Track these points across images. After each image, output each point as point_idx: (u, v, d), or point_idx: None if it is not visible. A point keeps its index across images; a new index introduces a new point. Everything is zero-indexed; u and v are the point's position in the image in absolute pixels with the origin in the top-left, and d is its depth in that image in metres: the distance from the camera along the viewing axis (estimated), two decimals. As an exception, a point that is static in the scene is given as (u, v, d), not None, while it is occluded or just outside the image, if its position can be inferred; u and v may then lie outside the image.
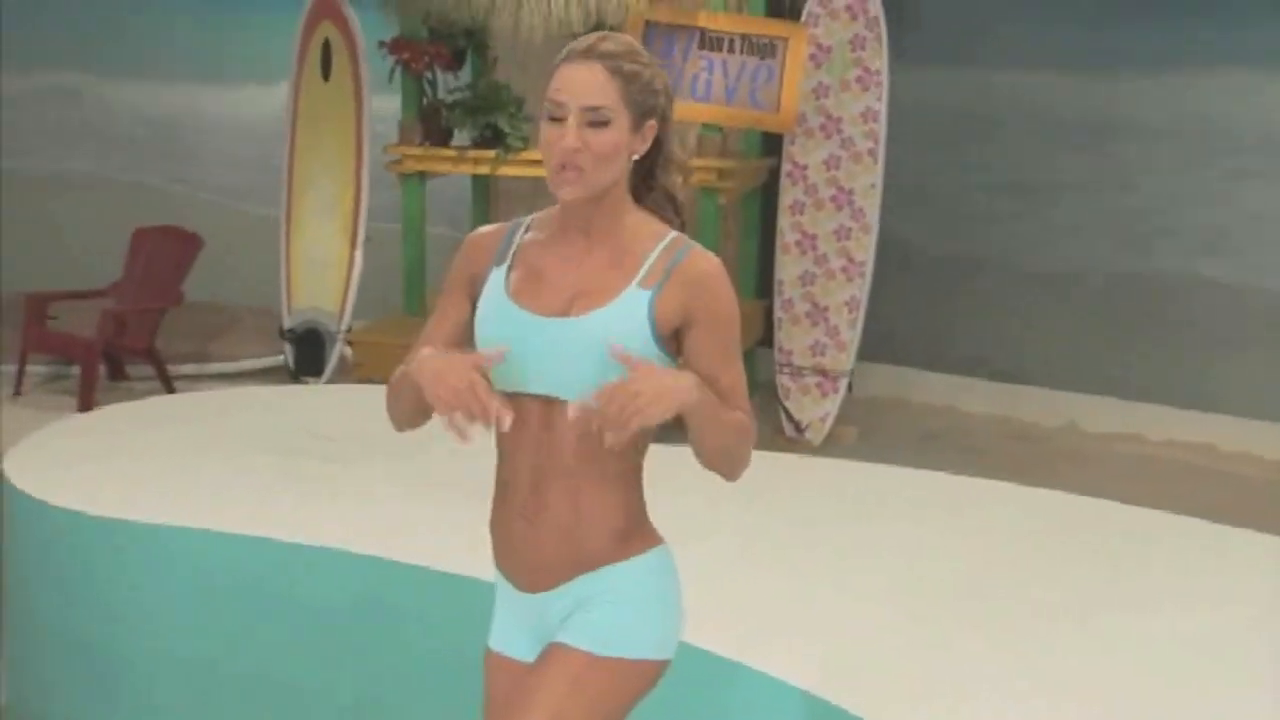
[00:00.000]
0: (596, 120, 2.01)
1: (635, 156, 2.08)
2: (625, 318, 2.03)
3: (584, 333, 2.03)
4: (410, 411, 2.12)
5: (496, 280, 2.12)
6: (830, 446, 6.55)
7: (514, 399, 2.05)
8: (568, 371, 2.03)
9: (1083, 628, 3.01)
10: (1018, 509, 3.88)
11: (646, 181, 2.14)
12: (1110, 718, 2.64)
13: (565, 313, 2.06)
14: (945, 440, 6.89)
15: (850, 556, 3.43)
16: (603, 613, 2.10)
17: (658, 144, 2.11)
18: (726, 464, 2.09)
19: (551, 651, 2.12)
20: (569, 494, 2.08)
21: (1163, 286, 6.97)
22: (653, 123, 2.08)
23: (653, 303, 2.04)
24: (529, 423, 2.07)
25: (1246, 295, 6.76)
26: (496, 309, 2.10)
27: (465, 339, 2.16)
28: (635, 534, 2.13)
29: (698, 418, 1.99)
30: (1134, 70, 6.96)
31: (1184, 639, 2.96)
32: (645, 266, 2.06)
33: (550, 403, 2.06)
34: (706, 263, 2.08)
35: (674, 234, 2.11)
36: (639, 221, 2.11)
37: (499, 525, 2.17)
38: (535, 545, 2.11)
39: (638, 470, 2.14)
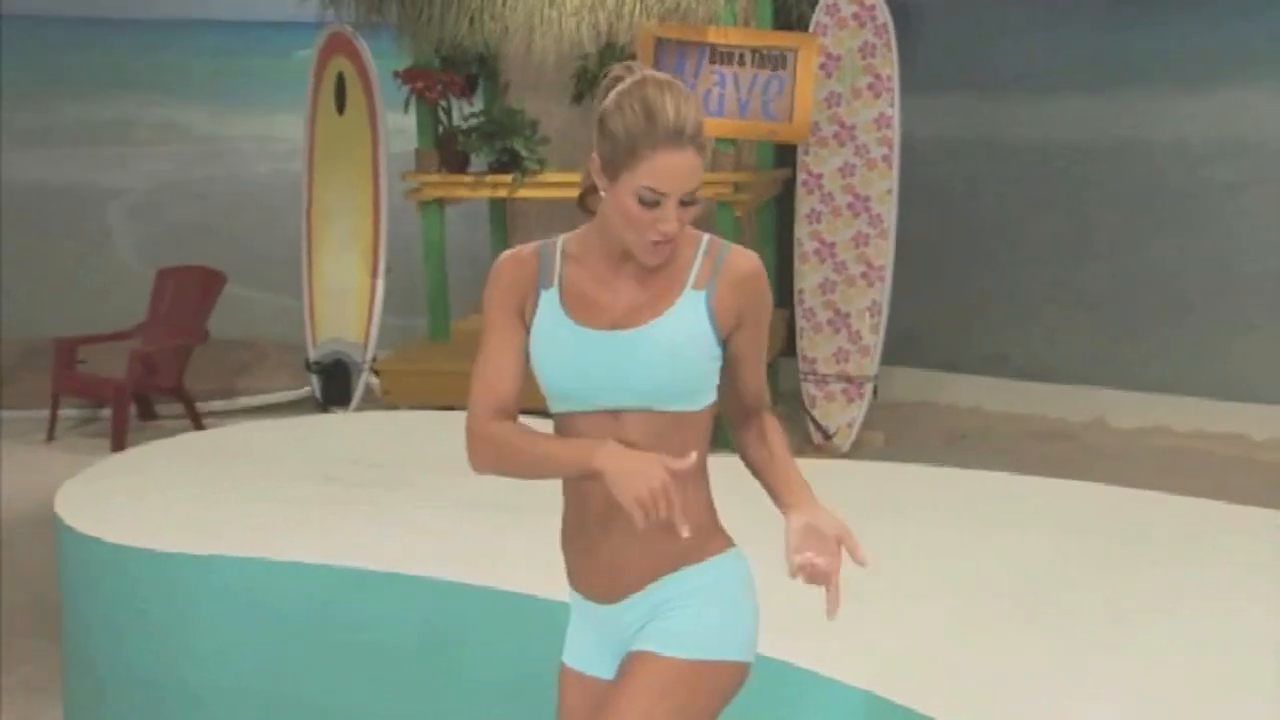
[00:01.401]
0: (689, 200, 2.04)
1: None
2: (688, 321, 2.08)
3: (650, 341, 2.07)
4: (530, 476, 2.13)
5: (550, 301, 2.13)
6: (858, 451, 6.59)
7: (581, 416, 2.11)
8: (636, 383, 2.07)
9: (1139, 622, 3.01)
10: (1057, 504, 3.88)
11: None
12: (1169, 714, 2.65)
13: (628, 324, 2.09)
14: (973, 441, 6.91)
15: (891, 557, 3.41)
16: (686, 616, 2.11)
17: None
18: None
19: (636, 660, 2.11)
20: None
21: (1184, 276, 6.99)
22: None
23: (710, 303, 2.08)
24: (600, 437, 2.08)
25: (1270, 281, 6.77)
26: (556, 328, 2.12)
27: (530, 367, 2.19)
28: (711, 534, 2.16)
29: None
30: (1144, 80, 7.01)
31: (1243, 634, 2.94)
32: (694, 270, 2.10)
33: (618, 415, 2.09)
34: (750, 262, 2.13)
35: (708, 237, 2.15)
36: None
37: (574, 538, 2.19)
38: (614, 551, 2.12)
39: (705, 469, 2.17)
